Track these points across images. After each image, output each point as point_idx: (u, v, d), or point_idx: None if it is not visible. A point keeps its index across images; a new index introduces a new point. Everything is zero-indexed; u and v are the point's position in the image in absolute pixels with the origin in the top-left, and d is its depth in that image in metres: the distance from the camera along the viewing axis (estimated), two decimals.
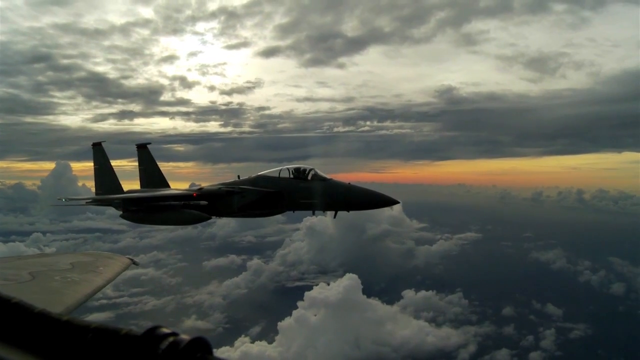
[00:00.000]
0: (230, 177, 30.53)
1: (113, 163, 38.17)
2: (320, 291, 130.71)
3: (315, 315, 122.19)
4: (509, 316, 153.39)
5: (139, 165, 38.06)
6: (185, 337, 1.97)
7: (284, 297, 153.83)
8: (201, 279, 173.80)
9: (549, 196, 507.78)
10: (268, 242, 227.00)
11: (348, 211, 26.23)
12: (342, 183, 26.35)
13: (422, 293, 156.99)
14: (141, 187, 37.94)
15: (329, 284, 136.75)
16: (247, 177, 30.28)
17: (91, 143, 39.44)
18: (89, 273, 11.16)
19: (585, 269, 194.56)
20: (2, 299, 2.21)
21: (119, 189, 37.28)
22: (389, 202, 25.66)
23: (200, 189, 31.08)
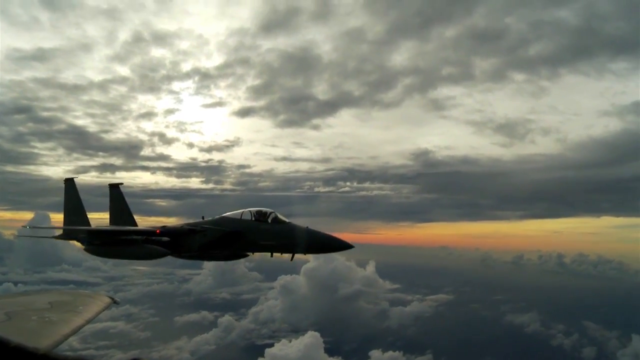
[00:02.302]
0: None
1: (93, 216, 39.44)
2: (281, 348, 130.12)
3: None
4: None
5: (110, 203, 38.97)
6: None
7: (252, 354, 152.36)
8: (171, 334, 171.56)
9: (530, 259, 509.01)
10: (243, 300, 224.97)
11: (305, 254, 27.94)
12: (300, 227, 27.36)
13: (389, 354, 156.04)
14: (110, 224, 38.65)
15: (290, 341, 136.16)
16: (210, 218, 31.05)
17: (64, 179, 40.65)
18: (68, 313, 10.69)
19: (559, 333, 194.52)
20: None
21: (87, 225, 37.84)
22: (344, 246, 26.67)
23: (164, 226, 31.83)
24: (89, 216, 39.32)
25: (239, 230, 29.02)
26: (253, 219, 29.01)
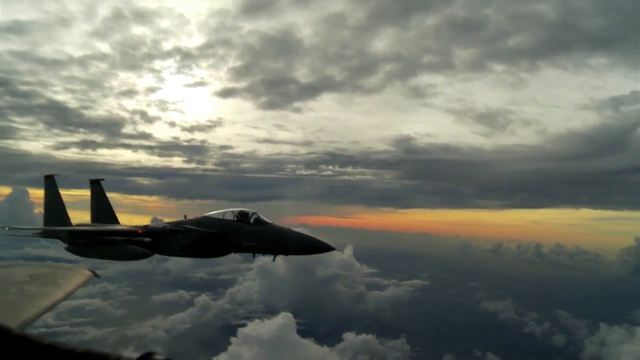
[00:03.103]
0: (195, 214, 31.65)
1: (75, 192, 39.08)
2: (254, 328, 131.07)
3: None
4: None
5: (91, 200, 38.96)
6: None
7: (227, 334, 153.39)
8: (147, 313, 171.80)
9: (509, 248, 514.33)
10: (221, 280, 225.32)
11: (286, 255, 27.80)
12: (282, 228, 27.67)
13: (363, 337, 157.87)
14: (91, 222, 38.69)
15: (263, 321, 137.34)
16: (193, 217, 31.17)
17: (44, 175, 40.06)
18: (48, 286, 10.45)
19: (531, 320, 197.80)
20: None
21: (68, 223, 37.71)
22: (326, 248, 27.04)
23: (146, 226, 32.01)
24: (71, 194, 39.30)
25: (222, 232, 29.20)
26: (235, 219, 29.16)
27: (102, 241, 31.43)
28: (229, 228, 29.08)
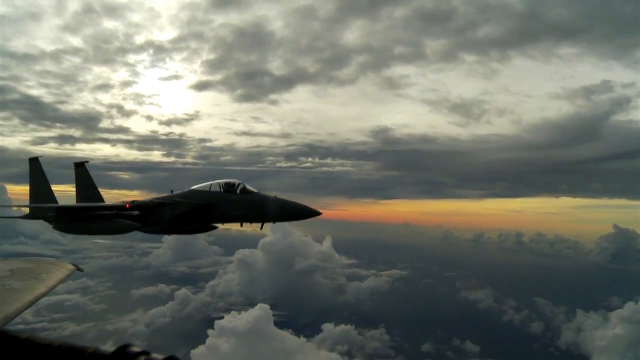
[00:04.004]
0: None
1: (55, 188, 38.65)
2: (231, 320, 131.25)
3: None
4: (427, 352, 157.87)
5: (76, 183, 38.48)
6: (157, 356, 1.89)
7: (207, 327, 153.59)
8: (127, 307, 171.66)
9: (490, 238, 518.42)
10: (201, 274, 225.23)
11: (274, 222, 28.48)
12: (269, 196, 27.96)
13: (341, 327, 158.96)
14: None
15: (240, 313, 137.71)
16: (179, 191, 31.26)
17: (29, 158, 39.53)
18: (30, 280, 10.18)
19: (510, 308, 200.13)
20: None
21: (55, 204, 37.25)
22: (312, 213, 27.32)
23: (133, 201, 31.82)
24: (53, 189, 39.07)
25: (209, 203, 29.44)
26: (222, 190, 29.50)
27: (91, 217, 31.39)
28: (215, 199, 29.41)
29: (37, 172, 38.96)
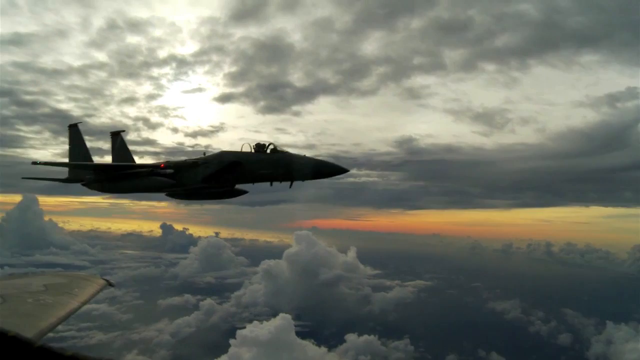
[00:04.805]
0: (206, 220, 32.63)
1: (85, 199, 39.65)
2: (252, 330, 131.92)
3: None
4: None
5: (112, 152, 39.93)
6: None
7: (231, 337, 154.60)
8: (153, 317, 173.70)
9: (519, 248, 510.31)
10: (227, 284, 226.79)
11: (303, 181, 29.53)
12: (298, 155, 29.37)
13: (365, 337, 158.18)
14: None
15: (262, 323, 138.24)
16: (211, 154, 32.77)
17: (68, 125, 41.55)
18: (63, 295, 10.43)
19: (538, 320, 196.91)
20: None
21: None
22: (339, 170, 28.84)
23: (168, 161, 33.67)
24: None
25: (239, 161, 30.72)
26: (252, 150, 30.69)
27: (127, 174, 33.23)
28: (246, 158, 30.69)
29: (76, 137, 40.51)
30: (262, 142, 30.59)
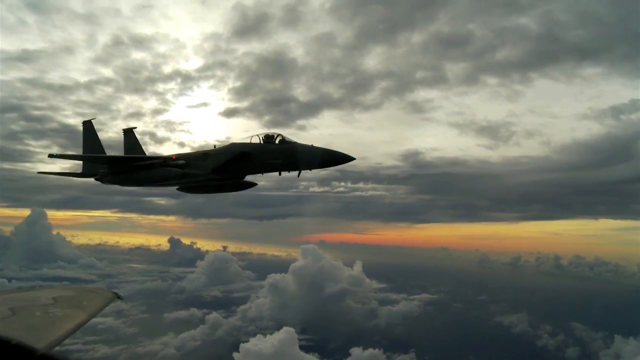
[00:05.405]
0: (214, 234, 33.18)
1: (94, 213, 40.01)
2: (256, 343, 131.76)
3: None
4: None
5: (124, 148, 40.52)
6: None
7: (236, 350, 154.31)
8: (158, 330, 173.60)
9: (528, 261, 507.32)
10: (234, 298, 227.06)
11: (310, 170, 30.39)
12: (305, 145, 30.00)
13: (370, 351, 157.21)
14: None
15: (265, 336, 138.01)
16: (221, 146, 33.55)
17: (82, 121, 42.16)
18: (72, 308, 10.65)
19: (545, 333, 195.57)
20: None
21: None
22: (346, 159, 29.40)
23: (179, 153, 34.55)
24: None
25: (249, 152, 31.41)
26: (261, 141, 31.44)
27: (140, 166, 33.94)
28: (255, 148, 31.38)
29: (90, 134, 41.19)
30: (270, 133, 31.48)
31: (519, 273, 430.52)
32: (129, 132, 41.01)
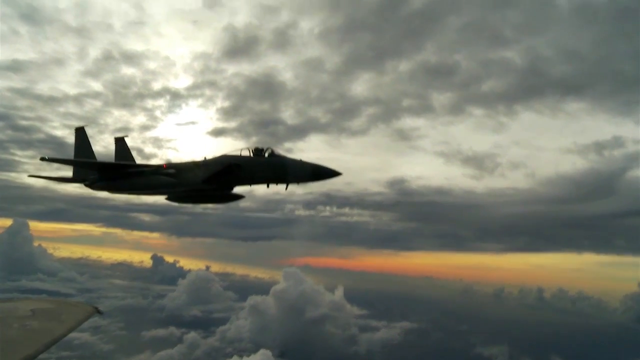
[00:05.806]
0: (198, 253, 32.82)
1: (78, 227, 39.43)
2: None
3: None
4: None
5: (115, 156, 39.91)
6: None
7: None
8: (135, 348, 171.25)
9: (511, 293, 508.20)
10: (214, 318, 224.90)
11: (298, 183, 30.58)
12: (294, 159, 30.44)
13: None
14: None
15: (241, 358, 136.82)
16: (212, 157, 33.26)
17: (75, 128, 41.48)
18: (50, 321, 10.47)
19: None
20: None
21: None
22: (333, 174, 29.83)
23: (170, 162, 34.46)
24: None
25: (238, 164, 31.49)
26: (251, 154, 31.58)
27: (130, 173, 33.54)
28: (245, 161, 31.54)
29: (82, 140, 40.69)
30: (260, 147, 31.74)
31: (501, 304, 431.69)
32: (120, 141, 40.82)
